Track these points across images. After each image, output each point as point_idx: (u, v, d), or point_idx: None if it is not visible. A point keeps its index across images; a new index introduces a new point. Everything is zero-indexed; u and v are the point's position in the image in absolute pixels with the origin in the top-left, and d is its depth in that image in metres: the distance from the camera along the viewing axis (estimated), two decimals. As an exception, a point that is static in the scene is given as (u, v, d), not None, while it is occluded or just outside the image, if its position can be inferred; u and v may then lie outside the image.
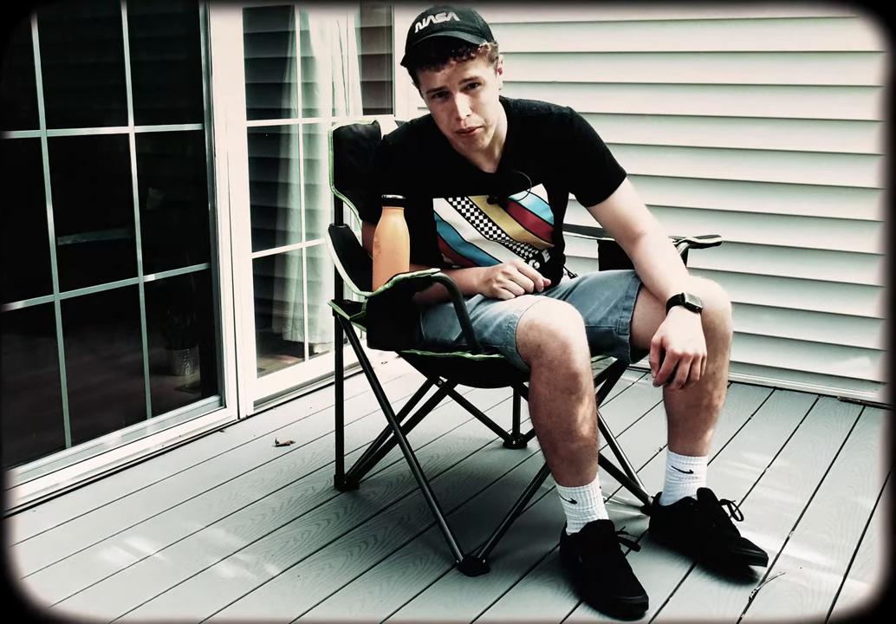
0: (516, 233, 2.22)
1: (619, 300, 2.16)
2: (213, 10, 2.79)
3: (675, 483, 2.24)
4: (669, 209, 3.46)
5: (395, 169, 2.19)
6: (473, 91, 2.02)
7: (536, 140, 2.18)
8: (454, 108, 2.02)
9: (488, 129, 2.08)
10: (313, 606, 2.02)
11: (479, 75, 2.01)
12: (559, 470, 2.05)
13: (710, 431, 2.20)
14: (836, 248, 3.24)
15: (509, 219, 2.20)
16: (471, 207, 2.19)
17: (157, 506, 2.47)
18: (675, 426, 2.22)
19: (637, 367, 3.51)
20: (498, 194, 2.18)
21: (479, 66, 2.00)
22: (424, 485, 2.25)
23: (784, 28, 3.18)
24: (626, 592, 2.00)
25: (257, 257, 3.15)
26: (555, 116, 2.18)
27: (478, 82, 2.01)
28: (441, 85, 2.01)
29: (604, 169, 2.20)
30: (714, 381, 2.13)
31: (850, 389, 3.31)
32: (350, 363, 3.08)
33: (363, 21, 3.59)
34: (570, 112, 2.19)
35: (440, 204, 2.20)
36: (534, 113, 2.19)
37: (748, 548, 2.13)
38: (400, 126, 2.32)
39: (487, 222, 2.20)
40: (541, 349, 1.93)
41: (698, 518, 2.19)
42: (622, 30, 3.44)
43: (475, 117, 2.04)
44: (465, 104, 2.01)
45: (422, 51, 1.99)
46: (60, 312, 2.53)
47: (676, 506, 2.23)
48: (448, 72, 1.99)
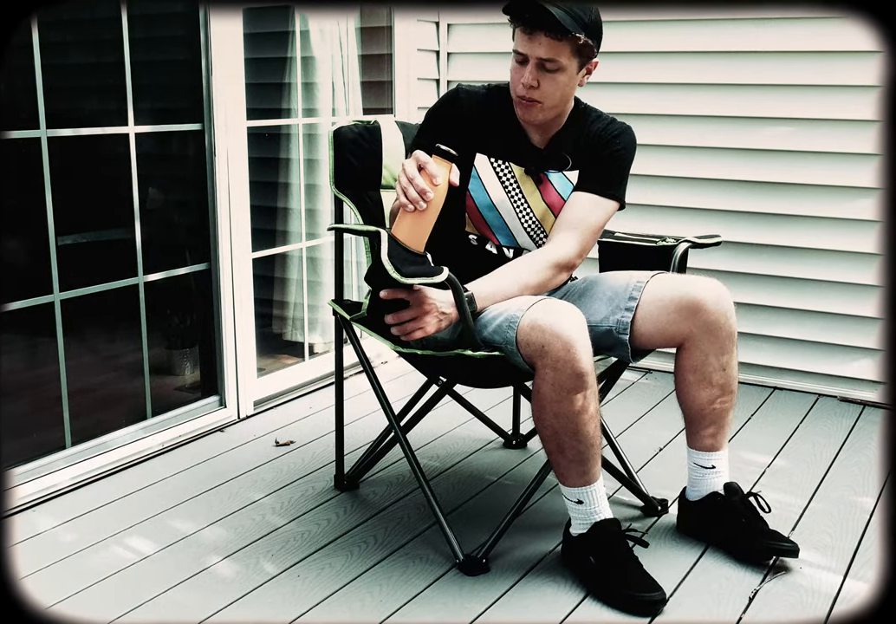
0: (540, 211, 2.27)
1: (622, 300, 2.17)
2: (213, 10, 2.79)
3: (700, 479, 2.27)
4: (669, 209, 3.46)
5: (457, 112, 2.26)
6: (549, 70, 2.11)
7: (585, 133, 2.28)
8: (524, 74, 2.12)
9: (546, 109, 2.17)
10: (313, 606, 2.02)
11: (559, 60, 2.10)
12: (565, 471, 2.04)
13: (727, 426, 2.24)
14: (836, 248, 3.24)
15: (537, 195, 2.27)
16: (509, 173, 2.26)
17: (157, 506, 2.47)
18: (691, 424, 2.25)
19: (637, 367, 3.51)
20: (537, 168, 2.26)
21: (564, 51, 2.09)
22: (424, 485, 2.25)
23: (784, 28, 3.19)
24: (643, 589, 2.01)
25: (257, 257, 3.15)
26: (610, 120, 2.31)
27: (556, 66, 2.10)
28: (524, 51, 2.11)
29: (598, 174, 2.25)
30: (725, 378, 2.17)
31: (849, 388, 3.31)
32: (350, 363, 3.08)
33: (363, 21, 3.59)
34: (627, 127, 2.30)
35: (482, 160, 2.26)
36: (596, 114, 2.32)
37: (780, 541, 2.16)
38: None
39: (518, 193, 2.26)
40: (545, 350, 1.93)
41: (728, 513, 2.21)
42: (622, 30, 3.43)
43: (538, 92, 2.13)
44: (533, 76, 2.11)
45: (521, 8, 2.08)
46: (60, 312, 2.53)
47: (704, 501, 2.26)
48: (534, 43, 2.08)
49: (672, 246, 2.36)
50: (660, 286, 2.17)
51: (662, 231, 2.81)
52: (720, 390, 2.18)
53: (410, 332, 2.01)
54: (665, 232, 2.68)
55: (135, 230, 2.75)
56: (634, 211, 3.50)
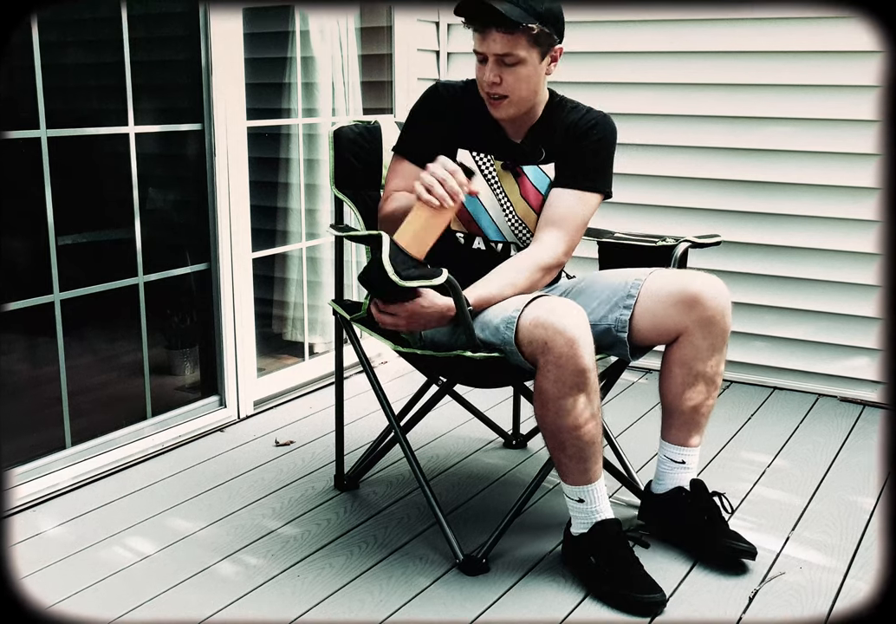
0: (519, 206, 2.28)
1: (620, 298, 2.17)
2: (213, 10, 2.79)
3: (667, 472, 2.26)
4: (669, 209, 3.46)
5: (439, 106, 2.29)
6: (509, 64, 2.12)
7: (561, 124, 2.27)
8: (486, 72, 2.14)
9: (514, 102, 2.18)
10: (313, 606, 2.02)
11: (515, 53, 2.10)
12: (567, 469, 2.05)
13: (704, 423, 2.24)
14: (836, 247, 3.24)
15: (516, 188, 2.27)
16: (490, 167, 2.28)
17: (157, 506, 2.47)
18: (669, 417, 2.25)
19: (637, 366, 3.51)
20: (514, 162, 2.26)
21: (519, 43, 2.09)
22: (424, 485, 2.25)
23: (784, 28, 3.19)
24: (643, 590, 2.01)
25: (257, 257, 3.15)
26: (585, 110, 2.29)
27: (515, 60, 2.10)
28: (482, 50, 2.13)
29: (582, 167, 2.23)
30: (710, 374, 2.17)
31: (849, 388, 3.31)
32: (350, 363, 3.08)
33: (363, 21, 3.59)
34: (604, 116, 2.28)
35: (464, 155, 2.28)
36: (572, 105, 2.30)
37: (737, 541, 2.16)
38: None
39: (499, 187, 2.27)
40: (548, 346, 1.93)
41: (690, 510, 2.21)
42: (622, 30, 3.44)
43: (502, 87, 2.15)
44: (495, 73, 2.13)
45: (468, 8, 2.08)
46: (60, 312, 2.53)
47: (668, 495, 2.26)
48: (488, 40, 2.10)
49: (672, 246, 2.36)
50: (658, 281, 2.17)
51: (662, 231, 2.81)
52: (704, 387, 2.18)
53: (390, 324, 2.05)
54: (665, 232, 2.67)
55: (135, 230, 2.75)
56: (634, 211, 3.51)
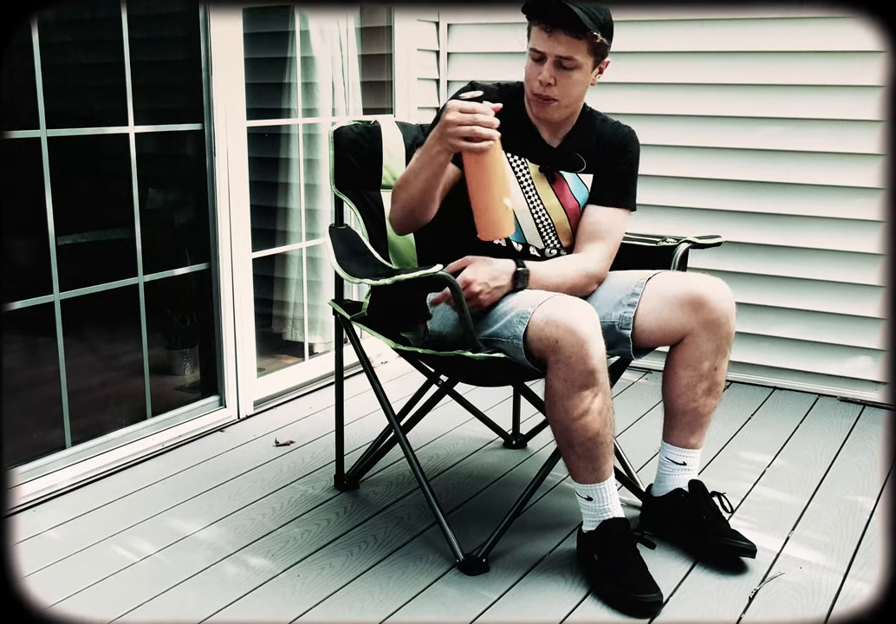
0: (552, 208, 2.29)
1: (625, 297, 2.20)
2: (213, 10, 2.79)
3: (668, 474, 2.27)
4: (669, 209, 3.46)
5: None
6: (566, 68, 2.14)
7: (595, 134, 2.32)
8: (542, 72, 2.14)
9: (561, 107, 2.20)
10: (313, 606, 2.02)
11: (576, 58, 2.13)
12: (575, 466, 2.06)
13: (706, 425, 2.24)
14: (837, 248, 3.24)
15: (551, 193, 2.28)
16: (525, 170, 2.27)
17: (158, 506, 2.47)
18: (672, 418, 2.25)
19: (637, 366, 3.51)
20: (552, 166, 2.28)
21: (581, 50, 2.12)
22: (424, 485, 2.25)
23: (784, 28, 3.19)
24: (641, 590, 2.01)
25: (257, 257, 3.15)
26: (618, 125, 2.36)
27: (573, 64, 2.13)
28: (543, 49, 2.12)
29: (617, 185, 2.31)
30: (714, 377, 2.18)
31: (850, 388, 3.31)
32: (350, 363, 3.08)
33: (363, 21, 3.59)
34: (633, 131, 2.36)
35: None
36: (603, 117, 2.36)
37: (737, 539, 2.16)
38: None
39: (532, 190, 2.28)
40: (559, 344, 1.94)
41: (689, 510, 2.22)
42: (622, 30, 3.42)
43: (554, 90, 2.16)
44: (551, 74, 2.14)
45: (542, 6, 2.09)
46: (60, 311, 2.53)
47: (668, 497, 2.26)
48: (552, 41, 2.11)
49: (672, 246, 2.37)
50: (664, 283, 2.19)
51: (662, 231, 2.81)
52: (708, 389, 2.19)
53: (477, 294, 2.09)
54: (665, 232, 2.68)
55: (135, 230, 2.75)
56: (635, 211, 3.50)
